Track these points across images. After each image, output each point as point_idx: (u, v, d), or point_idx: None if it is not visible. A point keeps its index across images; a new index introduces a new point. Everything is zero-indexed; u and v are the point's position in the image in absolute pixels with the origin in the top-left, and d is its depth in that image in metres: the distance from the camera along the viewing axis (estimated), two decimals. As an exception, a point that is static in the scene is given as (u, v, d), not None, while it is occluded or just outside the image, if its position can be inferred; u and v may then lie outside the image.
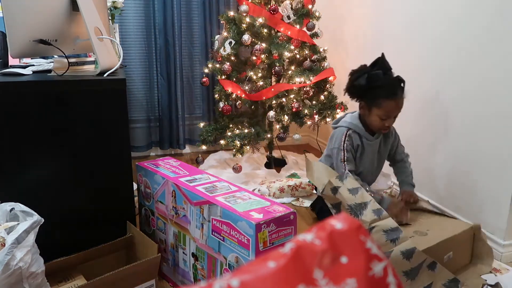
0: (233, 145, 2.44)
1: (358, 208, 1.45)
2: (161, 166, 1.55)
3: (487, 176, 1.74)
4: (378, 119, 1.70)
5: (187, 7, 2.99)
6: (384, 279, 0.38)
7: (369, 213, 1.44)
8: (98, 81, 1.33)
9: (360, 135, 1.78)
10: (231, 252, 1.19)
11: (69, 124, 1.31)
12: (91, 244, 1.36)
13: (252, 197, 1.28)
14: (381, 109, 1.68)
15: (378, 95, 1.67)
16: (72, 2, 1.34)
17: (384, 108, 1.67)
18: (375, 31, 2.51)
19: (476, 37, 1.76)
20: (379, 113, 1.69)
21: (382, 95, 1.67)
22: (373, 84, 1.67)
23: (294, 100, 2.50)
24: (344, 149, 1.75)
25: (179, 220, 1.40)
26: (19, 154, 1.28)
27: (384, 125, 1.71)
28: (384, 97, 1.66)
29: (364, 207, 1.45)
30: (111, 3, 2.24)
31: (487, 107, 1.72)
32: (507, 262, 1.66)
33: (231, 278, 0.36)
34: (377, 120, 1.71)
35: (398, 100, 1.68)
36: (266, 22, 2.47)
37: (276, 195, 2.30)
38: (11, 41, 1.19)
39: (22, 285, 0.98)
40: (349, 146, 1.75)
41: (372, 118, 1.72)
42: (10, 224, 1.04)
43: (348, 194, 1.54)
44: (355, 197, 1.51)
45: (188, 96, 3.15)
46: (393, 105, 1.67)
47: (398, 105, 1.68)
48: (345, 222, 0.39)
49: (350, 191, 1.55)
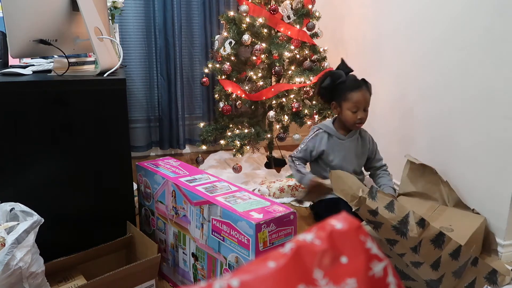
0: (233, 145, 2.44)
1: (404, 225, 1.34)
2: (161, 166, 1.55)
3: (487, 176, 1.74)
4: (350, 112, 1.86)
5: (187, 7, 2.99)
6: (384, 279, 0.38)
7: (414, 227, 1.34)
8: (98, 81, 1.33)
9: (330, 135, 1.95)
10: (231, 252, 1.19)
11: (69, 124, 1.31)
12: (91, 244, 1.36)
13: (252, 197, 1.28)
14: (349, 101, 1.85)
15: (344, 90, 1.86)
16: (72, 2, 1.34)
17: (351, 100, 1.85)
18: (375, 31, 2.51)
19: (477, 37, 1.76)
20: (349, 106, 1.86)
21: (347, 88, 1.86)
22: (337, 82, 1.87)
23: (294, 100, 2.50)
24: (305, 142, 1.97)
25: (179, 220, 1.40)
26: (19, 154, 1.28)
27: (357, 118, 1.86)
28: (349, 90, 1.85)
29: (407, 221, 1.34)
30: (111, 3, 2.24)
31: (487, 107, 1.72)
32: (507, 262, 1.66)
33: (231, 278, 0.36)
34: (349, 114, 1.87)
35: (363, 91, 1.86)
36: (266, 22, 2.47)
37: (276, 195, 2.30)
38: (11, 41, 1.19)
39: (22, 285, 0.98)
40: (311, 142, 1.96)
41: (344, 113, 1.88)
42: (10, 224, 1.04)
43: (388, 213, 1.39)
44: (395, 214, 1.38)
45: (188, 96, 3.15)
46: (360, 96, 1.84)
47: (364, 96, 1.85)
48: (345, 222, 0.39)
49: (387, 208, 1.40)
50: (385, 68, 2.43)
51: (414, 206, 1.79)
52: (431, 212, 1.74)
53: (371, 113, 1.95)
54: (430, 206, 1.82)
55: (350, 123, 1.90)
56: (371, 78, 2.57)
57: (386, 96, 2.43)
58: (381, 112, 2.47)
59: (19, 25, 1.20)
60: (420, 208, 1.76)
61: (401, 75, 2.29)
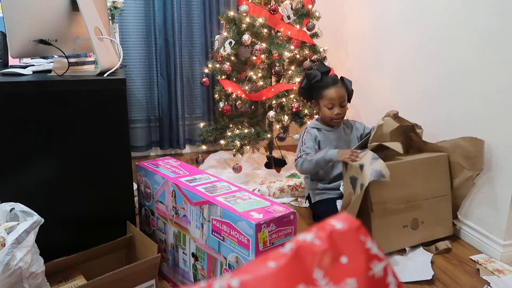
0: (233, 145, 2.44)
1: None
2: (161, 166, 1.55)
3: (487, 176, 1.74)
4: (326, 109, 1.96)
5: (187, 7, 2.99)
6: (384, 279, 0.38)
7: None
8: (98, 81, 1.33)
9: (318, 129, 2.02)
10: (231, 252, 1.19)
11: (69, 124, 1.31)
12: (91, 244, 1.36)
13: (252, 197, 1.28)
14: (324, 99, 1.95)
15: (320, 88, 1.96)
16: (72, 2, 1.34)
17: (326, 97, 1.95)
18: (375, 31, 2.51)
19: (477, 36, 1.76)
20: (325, 103, 1.96)
21: (322, 87, 1.96)
22: (312, 81, 1.97)
23: (294, 100, 2.50)
24: (302, 142, 2.00)
25: (179, 220, 1.40)
26: (19, 154, 1.28)
27: (333, 114, 1.95)
28: (324, 88, 1.95)
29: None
30: (111, 3, 2.24)
31: (488, 106, 1.72)
32: (507, 262, 1.66)
33: (231, 278, 0.36)
34: (326, 111, 1.96)
35: (337, 88, 1.94)
36: (266, 22, 2.47)
37: (276, 195, 2.30)
38: (11, 41, 1.19)
39: (22, 285, 0.98)
40: (308, 137, 1.99)
41: (322, 110, 1.99)
42: (10, 224, 1.04)
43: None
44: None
45: (188, 96, 3.15)
46: (333, 93, 1.94)
47: (338, 92, 1.94)
48: (345, 222, 0.39)
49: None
50: (385, 68, 2.43)
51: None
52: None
53: (371, 113, 1.96)
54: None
55: (328, 119, 1.99)
56: (371, 78, 2.58)
57: (385, 96, 2.43)
58: (380, 112, 2.47)
59: (19, 25, 1.20)
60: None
61: (400, 75, 2.29)
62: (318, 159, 1.85)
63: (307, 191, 2.09)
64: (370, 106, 2.60)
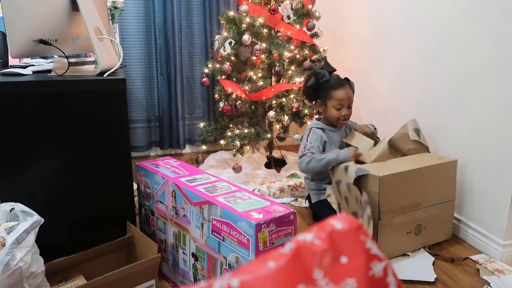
0: (233, 145, 2.44)
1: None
2: (161, 166, 1.55)
3: (487, 176, 1.74)
4: (334, 110, 1.94)
5: (187, 7, 2.99)
6: (384, 279, 0.38)
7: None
8: (98, 81, 1.33)
9: (322, 129, 2.00)
10: (231, 252, 1.19)
11: (69, 124, 1.31)
12: (91, 244, 1.36)
13: (252, 197, 1.28)
14: (333, 99, 1.93)
15: (328, 88, 1.94)
16: (72, 2, 1.34)
17: (335, 98, 1.93)
18: (375, 31, 2.51)
19: (478, 36, 1.76)
20: (333, 103, 1.94)
21: (331, 87, 1.94)
22: (321, 80, 1.95)
23: (294, 100, 2.50)
24: (307, 140, 1.97)
25: (179, 220, 1.40)
26: (19, 154, 1.28)
27: (341, 115, 1.94)
28: (333, 88, 1.93)
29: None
30: (111, 3, 2.24)
31: (488, 107, 1.72)
32: (507, 262, 1.66)
33: (231, 278, 0.36)
34: (334, 111, 1.94)
35: (347, 89, 1.94)
36: (266, 22, 2.47)
37: (276, 195, 2.30)
38: (11, 41, 1.19)
39: (22, 285, 0.98)
40: (314, 137, 1.96)
41: (329, 111, 1.96)
42: (10, 224, 1.04)
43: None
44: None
45: (188, 96, 3.15)
46: (343, 94, 1.92)
47: (347, 94, 1.93)
48: (345, 222, 0.39)
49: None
50: (385, 68, 2.43)
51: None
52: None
53: (371, 113, 1.96)
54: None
55: (335, 120, 1.97)
56: (371, 78, 2.58)
57: (385, 96, 2.43)
58: (380, 112, 2.47)
59: (19, 25, 1.20)
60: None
61: (401, 75, 2.29)
62: (330, 160, 1.81)
63: (307, 191, 2.09)
64: (370, 106, 2.60)
